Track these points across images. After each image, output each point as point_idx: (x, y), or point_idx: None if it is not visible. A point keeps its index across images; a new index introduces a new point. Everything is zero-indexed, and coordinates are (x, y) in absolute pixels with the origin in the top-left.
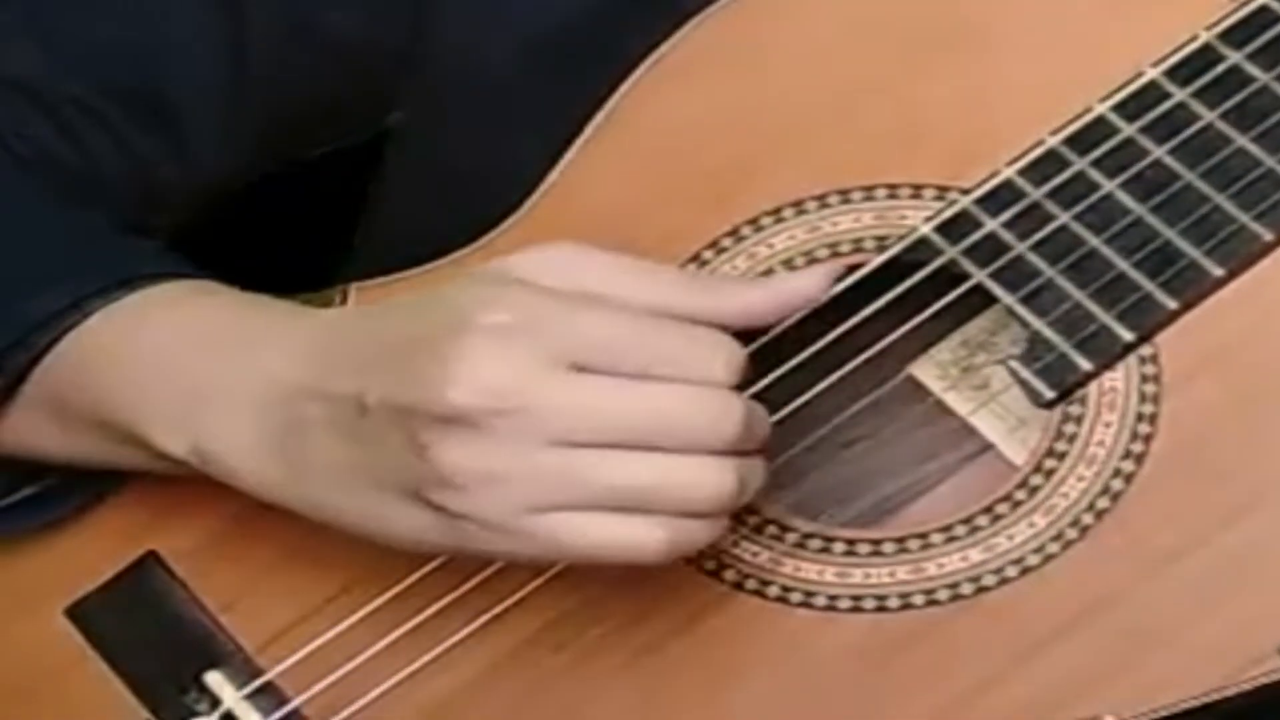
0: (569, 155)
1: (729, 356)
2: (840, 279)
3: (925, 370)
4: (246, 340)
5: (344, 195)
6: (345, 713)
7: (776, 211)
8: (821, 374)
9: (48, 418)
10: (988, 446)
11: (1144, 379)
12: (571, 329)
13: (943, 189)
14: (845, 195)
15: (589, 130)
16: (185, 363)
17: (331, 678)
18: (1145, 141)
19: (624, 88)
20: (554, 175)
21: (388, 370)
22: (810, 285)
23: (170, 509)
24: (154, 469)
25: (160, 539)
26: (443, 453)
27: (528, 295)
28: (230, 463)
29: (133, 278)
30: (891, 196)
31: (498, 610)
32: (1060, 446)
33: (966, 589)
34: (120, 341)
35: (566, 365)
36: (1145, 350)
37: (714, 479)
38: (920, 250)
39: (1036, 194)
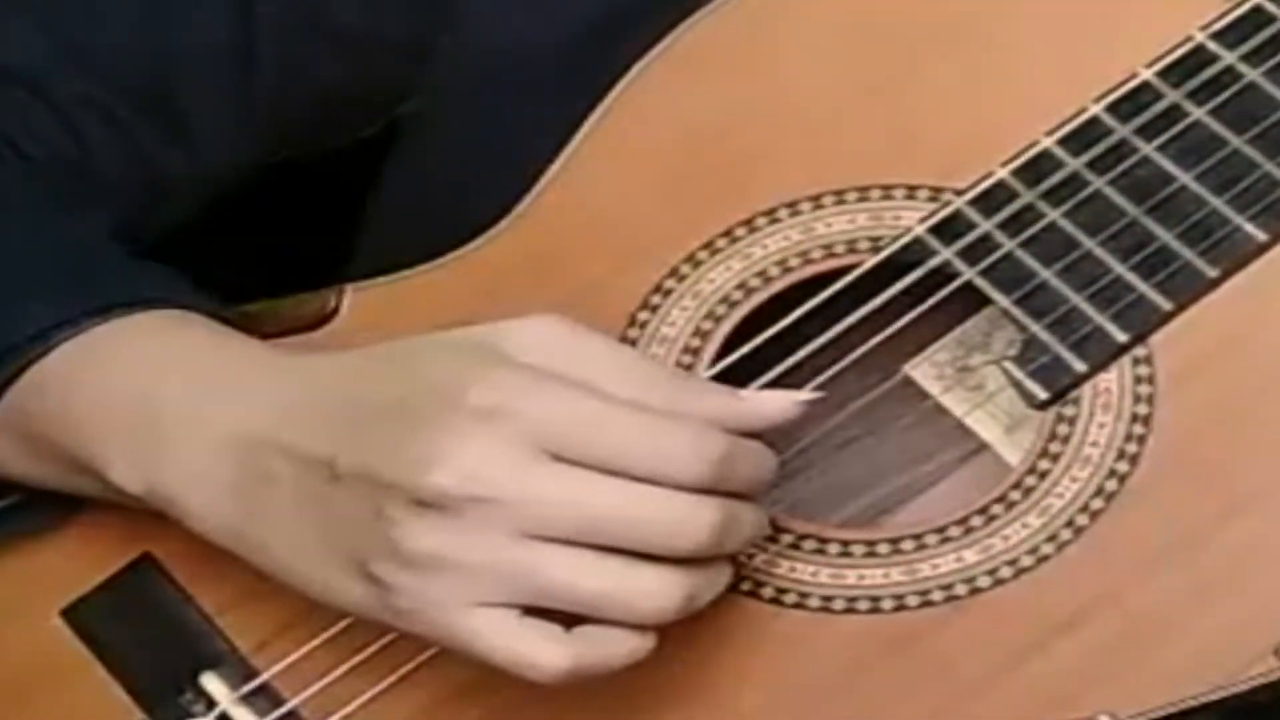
0: (565, 152)
1: (709, 452)
2: (834, 281)
3: (922, 371)
4: (217, 383)
5: (348, 188)
6: (341, 714)
7: (771, 212)
8: (817, 374)
9: (13, 442)
10: (983, 447)
11: (1138, 380)
12: (555, 417)
13: (937, 190)
14: (840, 196)
15: (585, 127)
16: (151, 397)
17: (327, 679)
18: (1139, 142)
19: (619, 86)
20: (550, 173)
21: (366, 440)
22: (780, 410)
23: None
24: (111, 499)
25: (155, 541)
26: (407, 532)
27: (514, 378)
28: (183, 504)
29: (110, 306)
30: (886, 197)
31: None
32: (1054, 447)
33: (961, 590)
34: (88, 370)
35: (546, 453)
36: (1139, 351)
37: (665, 593)
38: (914, 251)
39: (1030, 195)
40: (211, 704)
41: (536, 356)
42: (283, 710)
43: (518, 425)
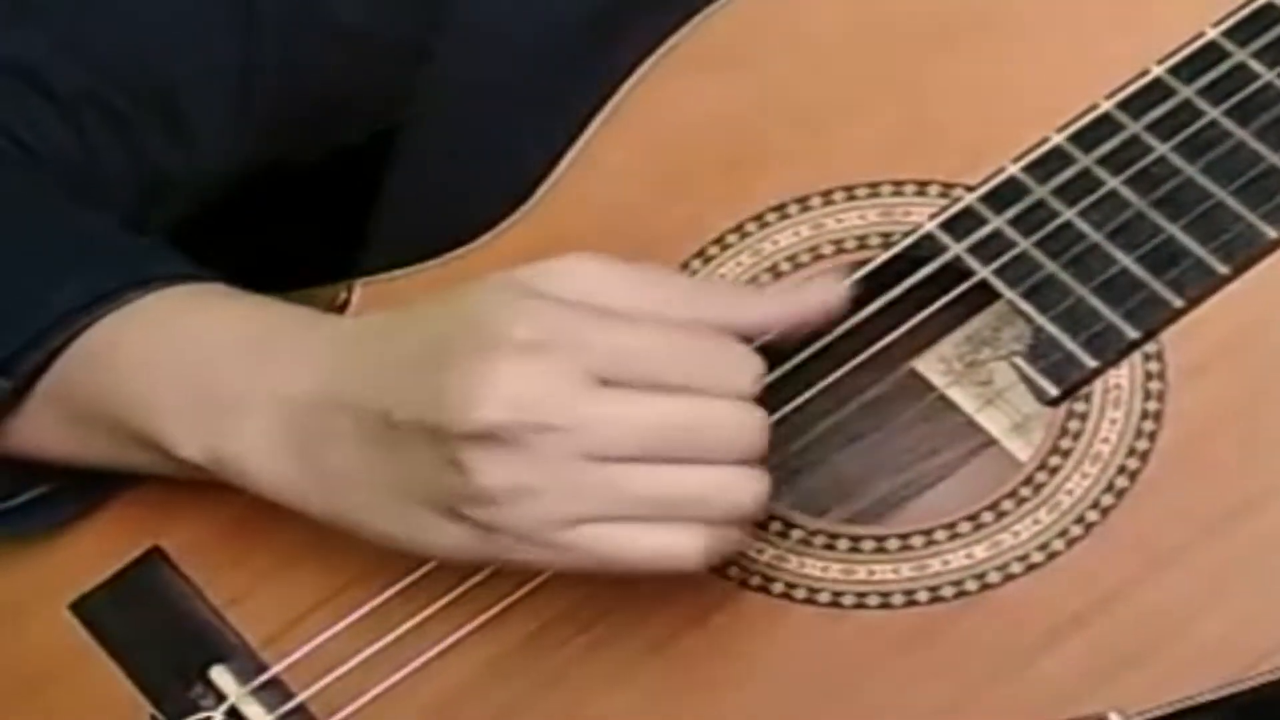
0: (575, 149)
1: (753, 369)
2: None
3: (929, 365)
4: (270, 347)
5: (357, 185)
6: (350, 708)
7: (782, 208)
8: (826, 369)
9: (58, 418)
10: (991, 442)
11: (1148, 376)
12: (600, 344)
13: (948, 186)
14: (850, 192)
15: (595, 124)
16: (205, 366)
17: (336, 673)
18: (1150, 139)
19: (630, 82)
20: (560, 168)
21: (412, 387)
22: (826, 297)
23: (175, 505)
24: (162, 472)
25: (165, 535)
26: (474, 469)
27: (555, 310)
28: (249, 468)
29: (149, 279)
30: (896, 193)
31: (501, 607)
32: (1065, 443)
33: (971, 586)
34: (137, 342)
35: (596, 380)
36: (1150, 348)
37: (750, 487)
38: (925, 247)
39: (1041, 191)
40: (221, 698)
41: (572, 292)
42: (292, 704)
43: (563, 354)
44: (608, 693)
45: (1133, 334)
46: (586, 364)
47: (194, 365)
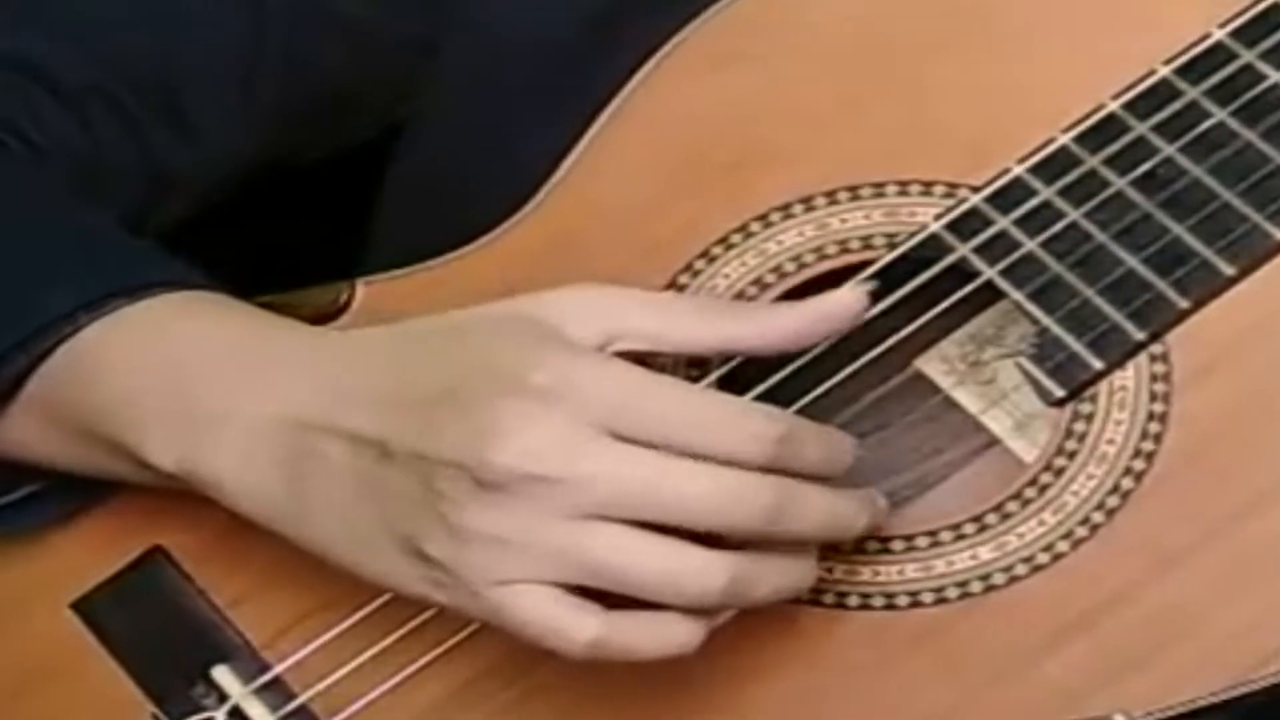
0: (579, 148)
1: (767, 430)
2: (849, 277)
3: (932, 365)
4: (262, 363)
5: (360, 183)
6: (352, 708)
7: (786, 208)
8: (831, 370)
9: (42, 422)
10: (995, 443)
11: (1154, 378)
12: (614, 395)
13: (953, 186)
14: (855, 192)
15: (599, 123)
16: (188, 376)
17: (339, 674)
18: (1157, 140)
19: (634, 81)
20: (564, 167)
21: (420, 420)
22: (845, 303)
23: (177, 504)
24: (138, 481)
25: (167, 534)
26: (463, 509)
27: (573, 358)
28: (223, 482)
29: (141, 285)
30: (902, 193)
31: None
32: (1070, 445)
33: (976, 587)
34: (122, 348)
35: (606, 432)
36: (1156, 349)
37: (704, 579)
38: (931, 247)
39: (1047, 192)
40: (224, 697)
41: (580, 326)
42: (294, 704)
43: (578, 404)
44: (613, 696)
45: (1139, 335)
46: (597, 415)
47: (176, 373)
